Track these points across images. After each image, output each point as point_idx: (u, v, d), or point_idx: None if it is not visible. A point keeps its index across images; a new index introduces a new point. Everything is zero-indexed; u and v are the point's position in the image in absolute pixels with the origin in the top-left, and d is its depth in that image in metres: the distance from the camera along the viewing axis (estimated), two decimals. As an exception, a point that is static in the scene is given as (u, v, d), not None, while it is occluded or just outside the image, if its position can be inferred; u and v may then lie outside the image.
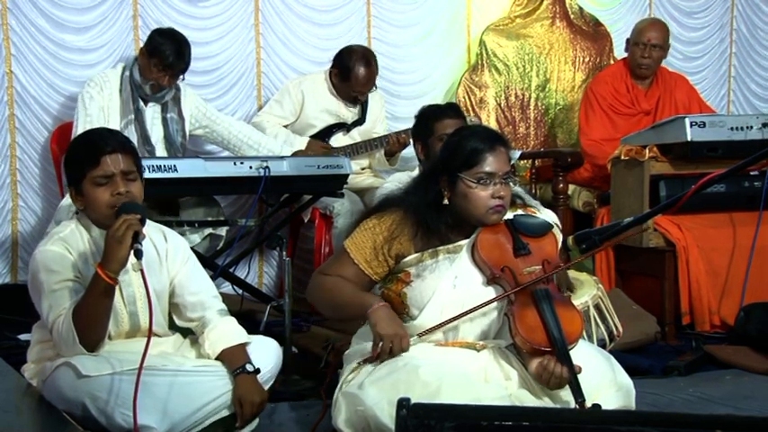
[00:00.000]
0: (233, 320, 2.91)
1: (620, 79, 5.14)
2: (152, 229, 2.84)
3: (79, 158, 2.72)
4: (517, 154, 5.04)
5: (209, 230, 4.43)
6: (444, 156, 2.77)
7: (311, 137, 4.85)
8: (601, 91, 5.11)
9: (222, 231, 4.49)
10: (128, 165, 2.71)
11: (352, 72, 4.80)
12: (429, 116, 3.90)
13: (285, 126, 4.90)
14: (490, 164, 2.68)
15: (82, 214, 2.78)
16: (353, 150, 4.83)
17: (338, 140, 4.91)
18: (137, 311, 2.79)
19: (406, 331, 2.62)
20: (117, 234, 2.52)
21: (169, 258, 2.88)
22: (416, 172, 3.79)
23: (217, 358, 2.81)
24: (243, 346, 2.83)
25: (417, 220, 2.74)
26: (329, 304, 2.82)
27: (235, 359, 2.78)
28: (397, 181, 3.76)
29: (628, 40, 5.16)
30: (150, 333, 2.51)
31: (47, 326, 2.67)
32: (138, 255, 2.52)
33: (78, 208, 2.77)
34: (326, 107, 4.91)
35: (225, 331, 2.84)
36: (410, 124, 5.19)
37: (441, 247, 2.73)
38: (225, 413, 2.74)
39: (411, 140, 4.19)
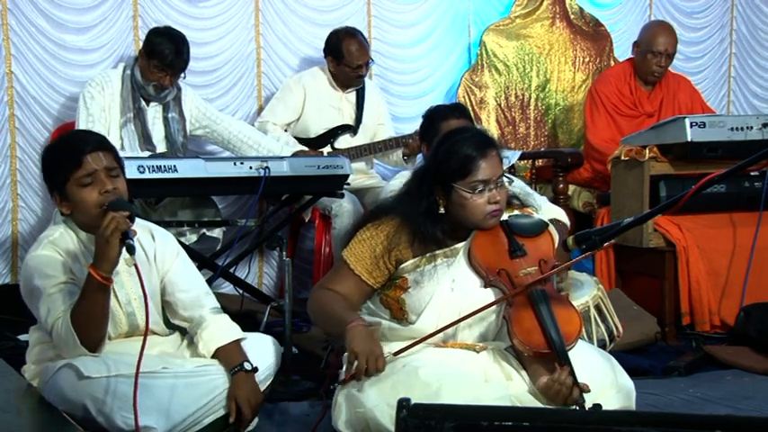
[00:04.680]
0: (226, 318, 2.89)
1: (623, 81, 5.13)
2: (139, 228, 2.83)
3: (60, 162, 2.69)
4: (517, 154, 5.04)
5: (201, 231, 4.42)
6: (435, 164, 2.73)
7: (318, 136, 4.85)
8: (605, 91, 5.11)
9: (217, 233, 4.47)
10: (109, 161, 2.69)
11: (344, 49, 4.81)
12: (435, 116, 3.89)
13: (290, 123, 4.90)
14: (483, 171, 2.66)
15: (68, 219, 2.77)
16: (357, 153, 4.83)
17: (345, 142, 4.90)
18: (133, 311, 2.79)
19: (381, 350, 2.56)
20: (105, 233, 2.51)
21: (158, 257, 2.87)
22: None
23: (213, 357, 2.80)
24: (237, 343, 2.82)
25: (413, 228, 2.73)
26: (320, 319, 2.80)
27: (231, 357, 2.78)
28: (404, 178, 3.74)
29: (636, 44, 5.13)
30: (147, 330, 2.51)
31: (46, 329, 2.67)
32: (131, 250, 2.52)
33: (65, 213, 2.74)
34: (328, 101, 4.91)
35: (218, 329, 2.83)
36: (410, 124, 5.24)
37: (438, 252, 2.72)
38: (222, 412, 2.73)
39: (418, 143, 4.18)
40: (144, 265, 2.79)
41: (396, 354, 2.60)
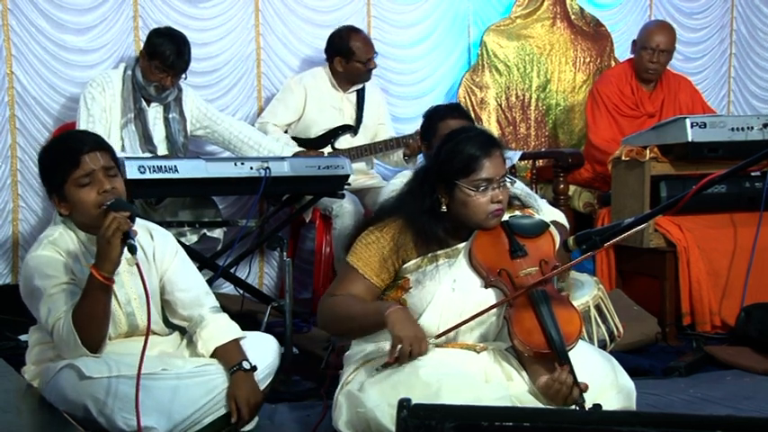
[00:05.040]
0: (225, 317, 2.89)
1: (624, 81, 5.13)
2: (137, 228, 2.82)
3: (58, 163, 2.69)
4: (518, 155, 5.04)
5: (202, 231, 4.42)
6: (439, 163, 2.73)
7: (318, 136, 4.85)
8: (606, 91, 5.11)
9: (217, 233, 4.47)
10: (107, 161, 2.69)
11: (352, 46, 4.82)
12: (434, 116, 3.89)
13: (290, 124, 4.91)
14: (487, 170, 2.67)
15: (67, 220, 2.76)
16: (357, 153, 4.83)
17: (345, 142, 4.91)
18: (133, 311, 2.79)
19: (424, 333, 2.57)
20: (106, 234, 2.51)
21: (156, 256, 2.87)
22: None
23: (212, 356, 2.79)
24: (236, 342, 2.82)
25: (415, 228, 2.73)
26: (342, 321, 2.72)
27: (230, 357, 2.77)
28: (405, 177, 3.73)
29: (634, 42, 5.15)
30: (149, 330, 2.51)
31: (47, 330, 2.67)
32: (133, 250, 2.51)
33: (63, 214, 2.74)
34: (329, 102, 4.91)
35: (217, 329, 2.83)
36: (410, 124, 5.25)
37: (440, 252, 2.72)
38: (222, 411, 2.74)
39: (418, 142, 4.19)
40: (143, 264, 2.75)
41: (437, 337, 2.61)
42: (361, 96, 4.99)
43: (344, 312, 2.69)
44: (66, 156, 2.68)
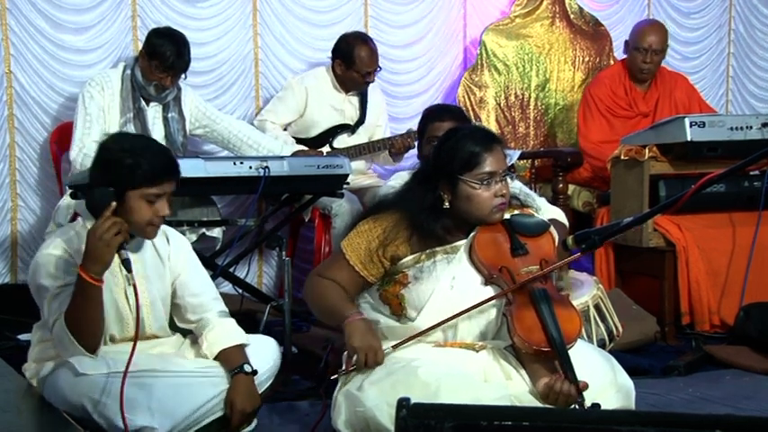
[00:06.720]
0: (232, 322, 2.91)
1: (618, 81, 5.13)
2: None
3: (140, 169, 2.61)
4: (517, 154, 5.04)
5: (201, 231, 4.42)
6: (441, 160, 2.75)
7: (316, 136, 4.85)
8: (599, 93, 5.11)
9: (216, 233, 4.46)
10: (173, 187, 2.70)
11: (355, 54, 4.81)
12: (427, 116, 3.88)
13: (290, 123, 4.91)
14: (490, 164, 2.69)
15: (91, 218, 2.72)
16: (356, 152, 4.84)
17: (343, 141, 4.91)
18: (142, 317, 2.78)
19: (380, 344, 2.62)
20: (105, 237, 2.49)
21: (172, 259, 2.88)
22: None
23: (215, 359, 2.81)
24: (241, 346, 2.83)
25: (413, 224, 2.73)
26: (318, 308, 2.85)
27: (232, 360, 2.79)
28: (401, 179, 3.74)
29: (626, 43, 5.15)
30: (137, 333, 2.54)
31: (48, 328, 2.68)
32: (128, 266, 2.52)
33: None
34: (330, 103, 4.92)
35: (223, 332, 2.85)
36: (406, 124, 5.25)
37: (438, 248, 2.73)
38: (222, 413, 2.74)
39: (416, 141, 4.22)
40: (159, 268, 2.83)
41: (395, 347, 2.63)
42: (363, 98, 4.99)
43: (321, 301, 2.79)
44: (155, 171, 2.62)
